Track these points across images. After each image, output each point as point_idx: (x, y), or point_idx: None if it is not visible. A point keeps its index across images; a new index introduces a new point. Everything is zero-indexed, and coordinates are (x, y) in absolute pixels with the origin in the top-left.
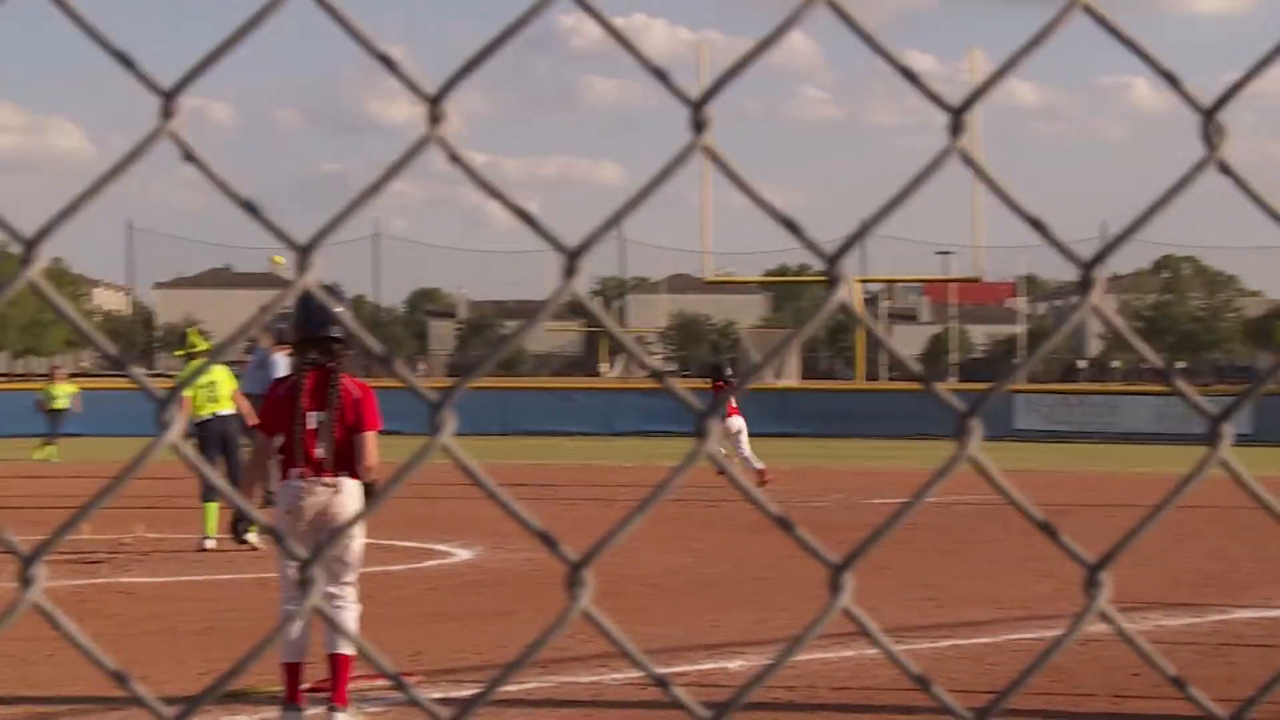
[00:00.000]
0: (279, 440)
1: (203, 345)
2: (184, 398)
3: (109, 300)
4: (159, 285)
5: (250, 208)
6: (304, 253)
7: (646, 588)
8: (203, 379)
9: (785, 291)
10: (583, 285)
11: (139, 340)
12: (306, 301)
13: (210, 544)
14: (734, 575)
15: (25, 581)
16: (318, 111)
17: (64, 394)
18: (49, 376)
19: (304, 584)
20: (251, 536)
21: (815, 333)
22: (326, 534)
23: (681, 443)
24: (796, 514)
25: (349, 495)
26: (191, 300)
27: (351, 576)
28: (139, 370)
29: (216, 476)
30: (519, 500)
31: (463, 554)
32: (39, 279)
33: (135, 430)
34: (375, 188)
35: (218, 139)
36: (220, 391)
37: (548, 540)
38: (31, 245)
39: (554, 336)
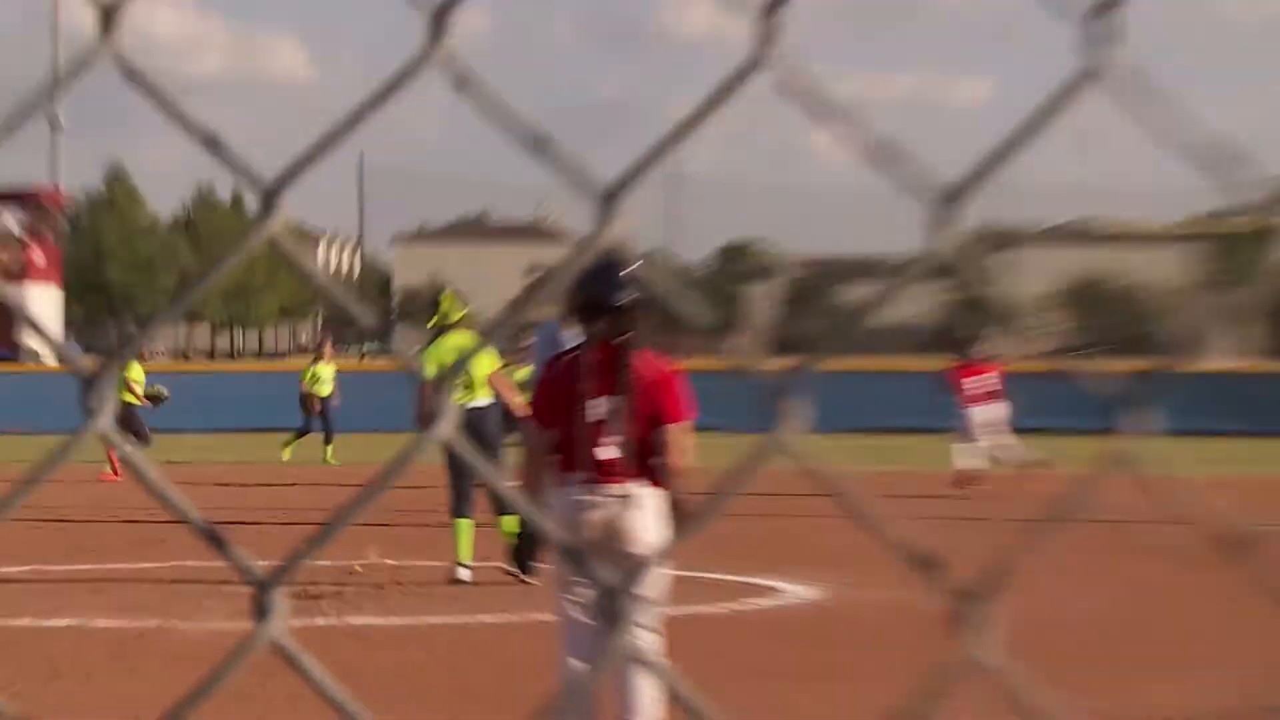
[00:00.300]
0: (555, 436)
1: (458, 313)
2: (428, 382)
3: (334, 258)
4: (398, 239)
5: (540, 143)
6: (607, 201)
7: (1060, 636)
8: (447, 359)
9: (1214, 244)
10: (954, 238)
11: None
12: (594, 260)
13: (465, 575)
14: (1180, 623)
15: (261, 612)
16: (593, 21)
17: (330, 376)
18: (315, 354)
19: (599, 625)
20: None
21: (1265, 296)
22: (619, 561)
23: (1084, 443)
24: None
25: (646, 509)
26: (438, 257)
27: (652, 618)
28: (402, 345)
29: (499, 479)
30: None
31: (798, 591)
32: (282, 236)
33: (370, 424)
34: (695, 120)
35: (470, 58)
36: (474, 377)
37: (928, 565)
38: (272, 195)
39: (904, 306)
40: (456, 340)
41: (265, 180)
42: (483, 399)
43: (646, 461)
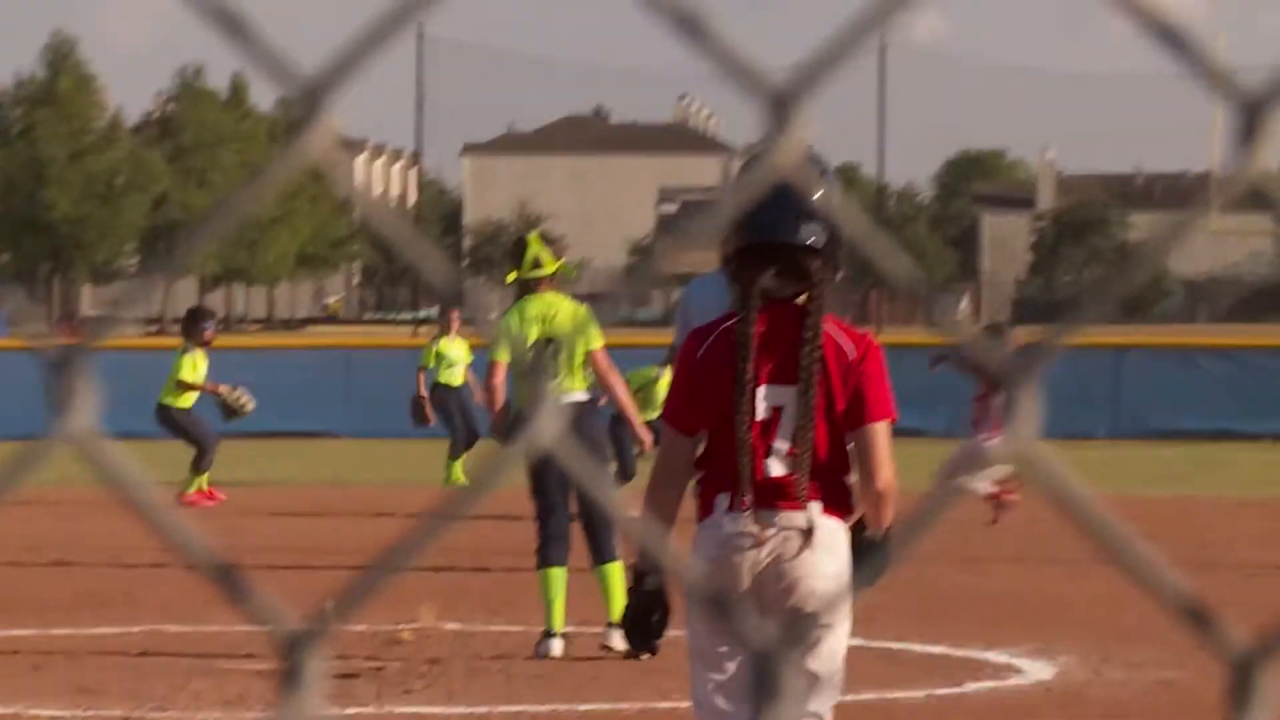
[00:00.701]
0: (701, 443)
1: (551, 264)
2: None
3: (378, 175)
4: (470, 149)
5: (687, 17)
6: (783, 101)
7: None
8: (528, 332)
9: None
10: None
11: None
12: (761, 184)
13: (555, 647)
14: None
15: (289, 677)
16: None
17: (461, 359)
18: (439, 325)
19: (754, 711)
20: (619, 640)
21: None
22: (787, 619)
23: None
24: None
25: (830, 548)
26: (529, 175)
27: (826, 705)
28: (478, 309)
29: (610, 505)
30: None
31: (1035, 668)
32: (333, 151)
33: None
34: None
35: None
36: (566, 358)
37: (1203, 623)
38: (315, 97)
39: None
40: (545, 304)
41: (307, 74)
42: (578, 391)
43: (832, 479)
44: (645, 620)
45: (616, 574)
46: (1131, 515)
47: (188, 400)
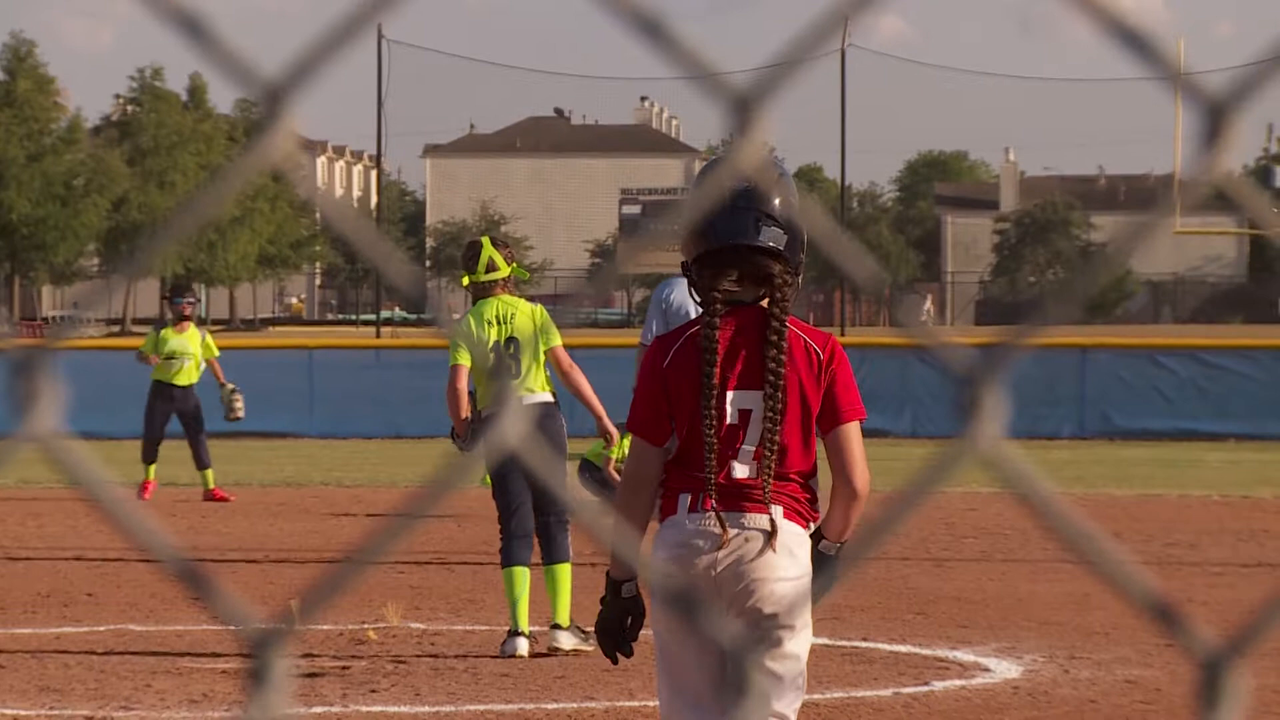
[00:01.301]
0: (670, 447)
1: (505, 267)
2: (459, 369)
3: (339, 177)
4: (432, 151)
5: (648, 21)
6: (747, 103)
7: None
8: (485, 335)
9: None
10: (1230, 155)
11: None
12: (723, 186)
13: (521, 646)
14: None
15: (255, 676)
16: None
17: None
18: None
19: (719, 709)
20: (566, 639)
21: None
22: (747, 620)
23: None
24: None
25: (792, 551)
26: (490, 176)
27: (789, 706)
28: (441, 311)
29: (571, 507)
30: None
31: (1002, 667)
32: (295, 152)
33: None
34: None
35: None
36: (526, 359)
37: (1168, 620)
38: (276, 99)
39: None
40: (502, 306)
41: (269, 77)
42: (541, 391)
43: (797, 481)
44: (620, 627)
45: (565, 575)
46: (1097, 515)
47: (168, 374)
